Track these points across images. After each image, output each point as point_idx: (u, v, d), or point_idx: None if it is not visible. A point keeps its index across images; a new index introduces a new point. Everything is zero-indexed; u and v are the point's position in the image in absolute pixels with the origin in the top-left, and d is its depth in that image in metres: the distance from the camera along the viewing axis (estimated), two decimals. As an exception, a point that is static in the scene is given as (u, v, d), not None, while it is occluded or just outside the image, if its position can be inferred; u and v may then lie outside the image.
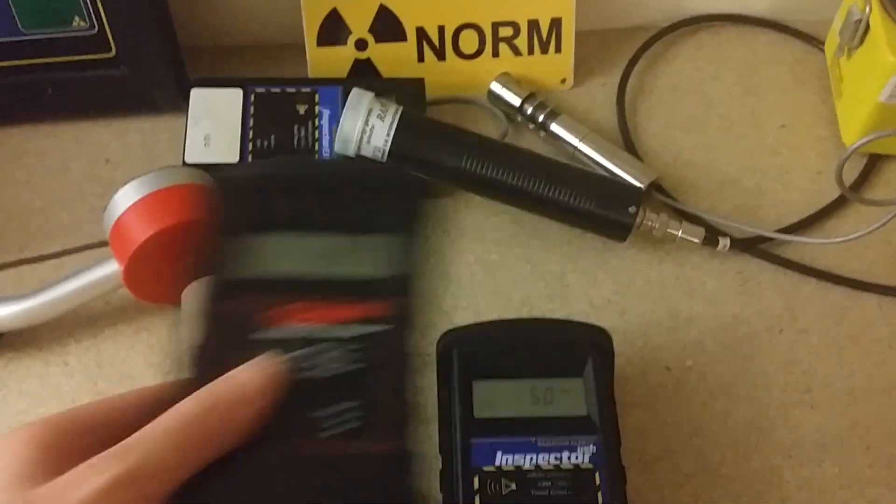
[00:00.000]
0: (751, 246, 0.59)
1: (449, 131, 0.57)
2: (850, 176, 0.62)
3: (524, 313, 0.56)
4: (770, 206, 0.61)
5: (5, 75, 0.62)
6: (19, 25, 0.60)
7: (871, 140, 0.51)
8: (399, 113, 0.56)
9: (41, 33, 0.61)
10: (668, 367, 0.55)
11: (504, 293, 0.57)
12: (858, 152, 0.56)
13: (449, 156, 0.56)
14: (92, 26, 0.61)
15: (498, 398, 0.49)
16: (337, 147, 0.57)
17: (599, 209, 0.56)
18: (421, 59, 0.66)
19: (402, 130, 0.56)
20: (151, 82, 0.64)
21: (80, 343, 0.55)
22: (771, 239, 0.59)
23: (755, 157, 0.63)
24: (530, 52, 0.66)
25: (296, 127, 0.60)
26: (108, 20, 0.60)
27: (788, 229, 0.59)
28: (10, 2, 0.59)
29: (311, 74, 0.65)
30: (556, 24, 0.65)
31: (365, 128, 0.56)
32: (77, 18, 0.60)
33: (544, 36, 0.65)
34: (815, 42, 0.68)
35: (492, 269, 0.58)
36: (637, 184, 0.59)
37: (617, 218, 0.56)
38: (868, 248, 0.59)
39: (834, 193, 0.61)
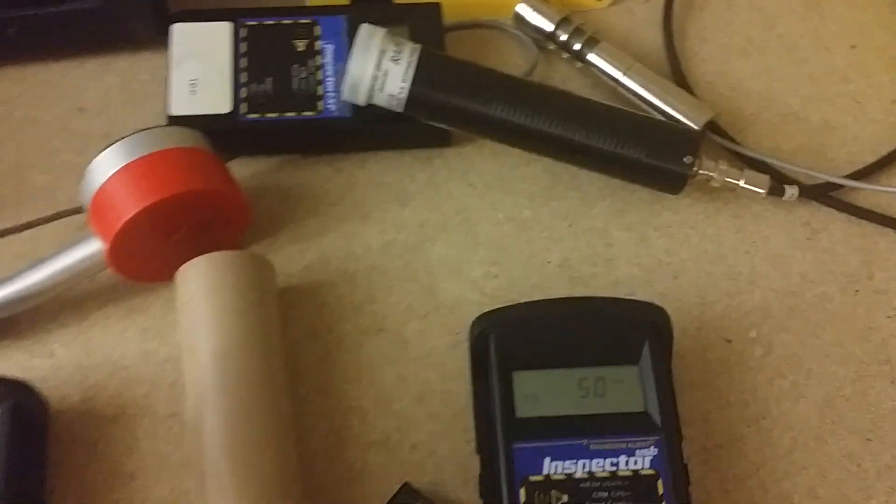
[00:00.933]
0: (820, 193, 0.51)
1: (475, 73, 0.49)
2: (931, 104, 0.54)
3: (563, 279, 0.50)
4: (840, 143, 0.54)
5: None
6: (-31, -45, 0.52)
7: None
8: (417, 54, 0.48)
9: (-5, -36, 0.52)
10: (728, 339, 0.48)
11: (540, 256, 0.51)
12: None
13: (476, 102, 0.48)
14: (55, -46, 0.52)
15: (543, 392, 0.43)
16: (345, 95, 0.49)
17: (650, 159, 0.49)
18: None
19: (421, 75, 0.48)
20: (128, 14, 0.55)
21: (66, 328, 0.49)
22: (842, 185, 0.51)
23: (822, 84, 0.56)
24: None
25: (295, 66, 0.52)
26: (73, -54, 0.52)
27: (863, 172, 0.52)
28: (-45, -71, 0.50)
29: (309, 2, 0.56)
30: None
31: (377, 73, 0.47)
32: (36, -54, 0.52)
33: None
34: (890, -57, 0.59)
35: (525, 227, 0.52)
36: (692, 125, 0.52)
37: (670, 168, 0.49)
38: (953, 191, 0.52)
39: (913, 127, 0.54)
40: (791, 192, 0.50)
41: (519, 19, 0.56)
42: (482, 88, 0.49)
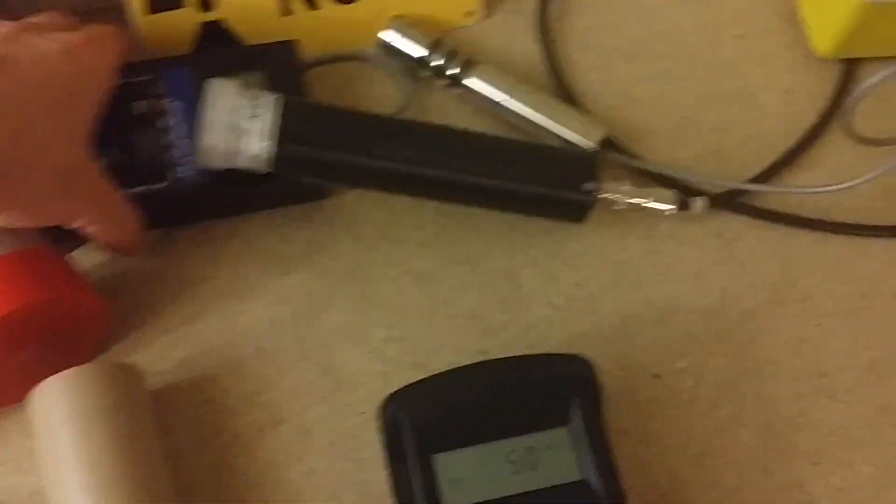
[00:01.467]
0: (729, 201, 0.48)
1: (345, 119, 0.44)
2: (823, 89, 0.52)
3: (473, 332, 0.45)
4: (740, 144, 0.50)
5: None
6: None
7: (889, 77, 0.40)
8: (278, 105, 0.42)
9: None
10: (656, 373, 0.45)
11: (443, 309, 0.46)
12: (831, 59, 0.45)
13: (352, 153, 0.43)
14: None
15: (469, 475, 0.38)
16: (200, 161, 0.43)
17: (548, 190, 0.45)
18: (287, 11, 0.51)
19: (286, 130, 0.42)
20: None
21: None
22: (748, 190, 0.48)
23: (713, 81, 0.52)
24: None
25: (139, 132, 0.45)
26: None
27: (768, 172, 0.49)
28: None
29: (143, 54, 0.50)
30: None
31: (233, 135, 0.42)
32: None
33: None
34: (761, -77, 0.57)
35: (423, 279, 0.47)
36: (586, 144, 0.48)
37: (571, 197, 0.45)
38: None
39: (810, 117, 0.51)
40: (701, 203, 0.47)
41: (385, 47, 0.51)
42: (356, 136, 0.43)
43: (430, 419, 0.38)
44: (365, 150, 0.43)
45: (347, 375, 0.44)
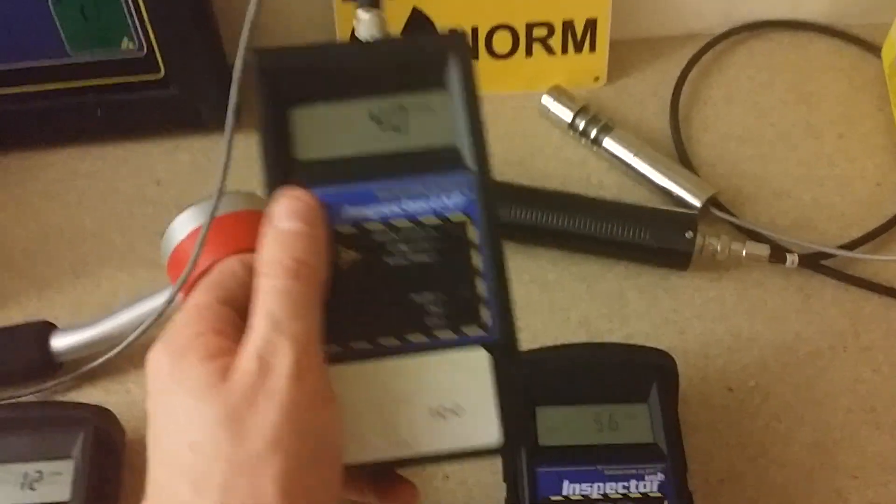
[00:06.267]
0: (813, 262, 0.58)
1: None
2: (911, 186, 0.61)
3: (582, 334, 0.56)
4: (829, 219, 0.60)
5: (54, 98, 0.62)
6: (67, 48, 0.60)
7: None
8: None
9: (90, 55, 0.61)
10: (730, 387, 0.54)
11: (561, 313, 0.57)
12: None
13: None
14: (141, 48, 0.60)
15: (562, 425, 0.48)
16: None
17: (655, 241, 0.56)
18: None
19: None
20: (200, 102, 0.63)
21: (139, 369, 0.55)
22: (833, 255, 0.58)
23: (812, 168, 0.62)
24: (564, 51, 0.65)
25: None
26: (157, 41, 0.60)
27: (851, 244, 0.58)
28: (58, 25, 0.59)
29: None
30: (591, 24, 0.64)
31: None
32: (126, 40, 0.60)
33: (579, 36, 0.65)
34: (871, 47, 0.67)
35: (548, 288, 0.58)
36: (694, 200, 0.59)
37: (675, 247, 0.56)
38: (932, 261, 0.58)
39: (894, 208, 0.60)
40: (791, 258, 0.56)
41: (543, 109, 0.64)
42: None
43: (538, 379, 0.49)
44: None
45: (477, 349, 0.55)
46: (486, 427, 0.33)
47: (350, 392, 0.33)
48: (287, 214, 0.33)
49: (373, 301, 0.33)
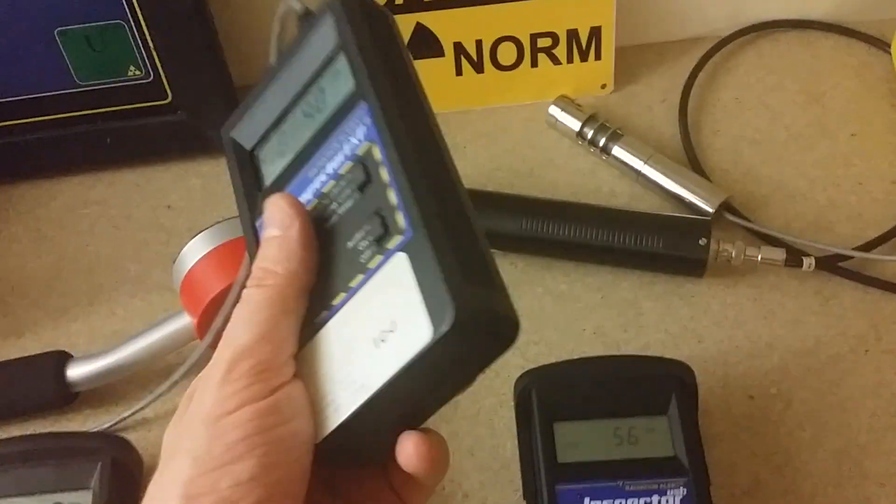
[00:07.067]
0: (830, 264, 0.57)
1: (503, 201, 0.58)
2: (928, 183, 0.60)
3: (598, 345, 0.55)
4: (846, 220, 0.59)
5: (64, 126, 0.63)
6: (75, 77, 0.60)
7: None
8: None
9: (97, 84, 0.61)
10: (751, 395, 0.53)
11: (576, 324, 0.56)
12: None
13: (506, 224, 0.57)
14: (147, 74, 0.61)
15: (581, 441, 0.48)
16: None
17: (669, 249, 0.55)
18: (459, 72, 0.65)
19: None
20: (209, 125, 0.63)
21: (156, 395, 0.55)
22: (852, 257, 0.57)
23: (827, 168, 0.62)
24: (569, 60, 0.65)
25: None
26: (163, 67, 0.60)
27: (868, 245, 0.57)
28: (65, 56, 0.59)
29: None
30: (595, 32, 0.64)
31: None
32: (132, 68, 0.60)
33: (584, 44, 0.64)
34: (881, 44, 0.66)
35: (562, 299, 0.57)
36: (707, 206, 0.58)
37: (689, 254, 0.55)
38: (952, 259, 0.57)
39: (911, 204, 0.59)
40: (808, 262, 0.56)
41: (550, 118, 0.64)
42: (509, 211, 0.57)
43: (555, 394, 0.49)
44: (516, 221, 0.57)
45: (493, 365, 0.54)
46: (417, 326, 0.29)
47: (311, 367, 0.32)
48: (267, 222, 0.34)
49: (323, 271, 0.33)
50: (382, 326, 0.30)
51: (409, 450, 0.32)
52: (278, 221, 0.34)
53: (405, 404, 0.31)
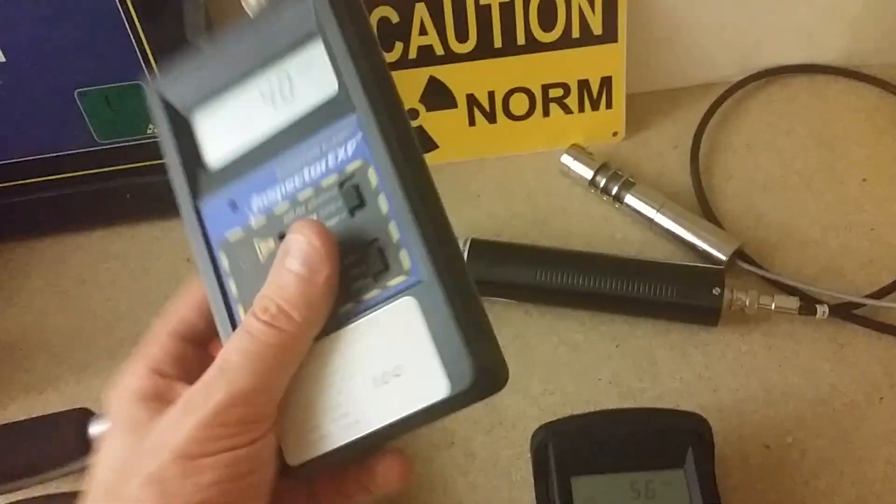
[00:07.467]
0: (844, 311, 0.57)
1: (517, 251, 0.59)
2: (940, 227, 0.60)
3: (613, 394, 0.56)
4: (859, 266, 0.59)
5: (84, 183, 0.64)
6: (95, 137, 0.61)
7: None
8: (468, 244, 0.58)
9: (117, 142, 0.62)
10: (767, 444, 0.53)
11: (591, 373, 0.57)
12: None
13: (520, 275, 0.58)
14: (165, 131, 0.62)
15: (599, 495, 0.48)
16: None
17: (683, 298, 0.56)
18: (472, 123, 0.66)
19: (473, 261, 0.57)
20: (225, 179, 0.64)
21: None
22: (865, 304, 0.57)
23: (838, 214, 0.62)
24: (581, 109, 0.66)
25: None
26: (180, 124, 0.61)
27: (881, 292, 0.58)
28: (85, 116, 0.60)
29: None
30: (606, 82, 0.65)
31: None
32: (150, 126, 0.61)
33: (595, 94, 0.65)
34: (891, 87, 0.67)
35: (577, 348, 0.58)
36: (720, 254, 0.58)
37: (703, 304, 0.56)
38: (966, 304, 0.57)
39: (924, 249, 0.60)
40: (822, 310, 0.56)
41: (563, 168, 0.64)
42: (526, 263, 0.58)
43: (572, 448, 0.49)
44: (531, 272, 0.57)
45: (509, 416, 0.55)
46: (431, 379, 0.30)
47: (293, 389, 0.32)
48: (291, 249, 0.32)
49: None
50: (385, 368, 0.31)
51: (395, 472, 0.34)
52: (306, 258, 0.31)
53: (392, 437, 0.32)
